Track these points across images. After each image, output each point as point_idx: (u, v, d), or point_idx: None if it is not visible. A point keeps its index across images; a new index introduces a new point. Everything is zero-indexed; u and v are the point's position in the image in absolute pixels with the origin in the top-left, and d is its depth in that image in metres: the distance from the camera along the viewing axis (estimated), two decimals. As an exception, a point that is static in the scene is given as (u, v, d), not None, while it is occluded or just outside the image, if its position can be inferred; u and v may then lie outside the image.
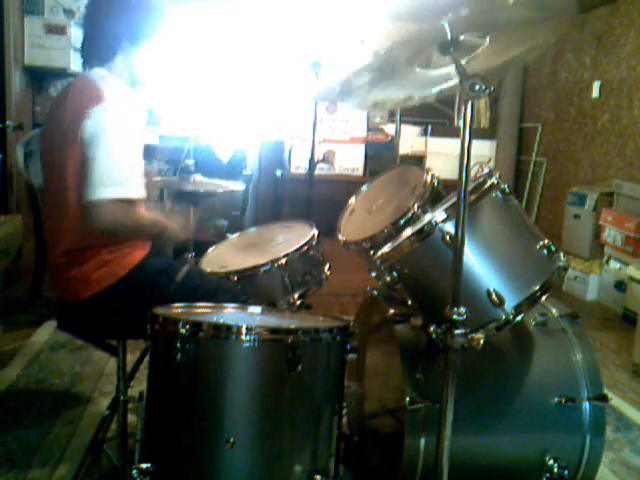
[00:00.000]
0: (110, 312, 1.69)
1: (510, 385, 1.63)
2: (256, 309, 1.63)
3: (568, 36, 4.85)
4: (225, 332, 1.31)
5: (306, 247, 1.97)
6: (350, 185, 3.93)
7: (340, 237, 1.70)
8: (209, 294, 1.72)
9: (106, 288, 1.67)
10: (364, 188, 1.85)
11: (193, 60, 4.35)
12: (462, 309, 1.28)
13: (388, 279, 1.53)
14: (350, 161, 4.46)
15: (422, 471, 1.53)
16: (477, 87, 1.21)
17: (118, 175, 1.59)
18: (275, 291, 1.92)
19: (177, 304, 1.55)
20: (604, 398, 1.61)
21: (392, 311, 1.68)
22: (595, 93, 4.53)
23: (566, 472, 1.57)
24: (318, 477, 1.32)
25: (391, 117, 4.78)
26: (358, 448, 2.00)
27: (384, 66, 1.41)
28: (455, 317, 1.27)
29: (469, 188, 1.32)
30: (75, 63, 3.94)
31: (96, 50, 1.73)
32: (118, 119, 1.61)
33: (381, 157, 4.53)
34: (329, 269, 2.08)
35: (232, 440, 1.27)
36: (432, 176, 1.60)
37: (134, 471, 1.31)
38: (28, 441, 2.13)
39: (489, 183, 1.46)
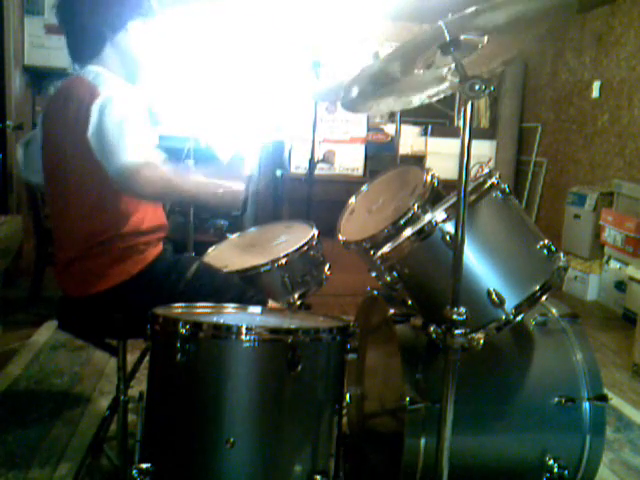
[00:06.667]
0: (118, 309, 1.68)
1: (510, 385, 1.63)
2: (256, 309, 1.63)
3: (568, 36, 4.85)
4: (225, 332, 1.31)
5: (306, 247, 1.97)
6: (350, 185, 3.92)
7: (340, 237, 1.70)
8: (218, 291, 1.72)
9: (119, 284, 1.66)
10: (364, 188, 1.85)
11: (193, 60, 4.35)
12: (462, 309, 1.28)
13: (388, 279, 1.53)
14: (350, 161, 4.46)
15: (422, 471, 1.53)
16: (477, 87, 1.21)
17: (133, 143, 1.55)
18: (275, 291, 1.92)
19: (177, 304, 1.55)
20: (604, 398, 1.61)
21: (392, 311, 1.68)
22: (595, 93, 4.53)
23: (566, 472, 1.57)
24: (318, 477, 1.32)
25: (391, 117, 4.78)
26: (358, 448, 2.00)
27: (384, 72, 1.41)
28: (455, 317, 1.27)
29: (469, 188, 1.32)
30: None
31: (83, 46, 1.72)
32: (118, 102, 1.58)
33: (381, 157, 4.53)
34: (329, 269, 2.08)
35: (232, 440, 1.27)
36: (432, 176, 1.60)
37: (134, 471, 1.31)
38: (28, 441, 2.13)
39: (489, 183, 1.46)
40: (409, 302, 1.58)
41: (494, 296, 1.41)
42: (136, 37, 1.74)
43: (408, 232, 1.44)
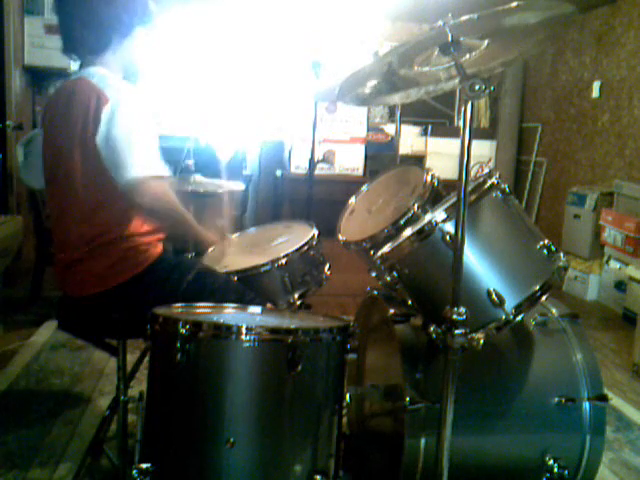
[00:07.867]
0: (118, 309, 1.69)
1: (510, 385, 1.63)
2: (256, 309, 1.63)
3: (568, 36, 4.85)
4: (225, 332, 1.31)
5: (306, 247, 1.97)
6: (350, 185, 3.92)
7: (340, 237, 1.70)
8: (218, 293, 1.72)
9: (122, 283, 1.66)
10: (364, 188, 1.85)
11: (193, 60, 4.35)
12: (462, 309, 1.28)
13: (388, 279, 1.53)
14: (350, 161, 4.46)
15: (422, 471, 1.53)
16: (477, 87, 1.22)
17: (143, 156, 1.61)
18: (275, 291, 1.92)
19: (177, 304, 1.55)
20: (604, 398, 1.61)
21: (392, 311, 1.68)
22: (595, 93, 4.53)
23: (566, 472, 1.57)
24: (318, 477, 1.32)
25: (391, 117, 4.78)
26: (358, 448, 2.00)
27: (384, 67, 1.41)
28: (455, 317, 1.27)
29: (469, 188, 1.32)
30: (75, 63, 3.94)
31: (85, 46, 1.72)
32: (127, 111, 1.61)
33: (381, 157, 4.53)
34: (329, 269, 2.08)
35: (232, 440, 1.27)
36: (432, 176, 1.60)
37: (134, 471, 1.31)
38: (28, 441, 2.13)
39: (489, 183, 1.46)
40: (409, 302, 1.58)
41: (494, 296, 1.41)
42: (139, 44, 1.76)
43: (408, 232, 1.44)
